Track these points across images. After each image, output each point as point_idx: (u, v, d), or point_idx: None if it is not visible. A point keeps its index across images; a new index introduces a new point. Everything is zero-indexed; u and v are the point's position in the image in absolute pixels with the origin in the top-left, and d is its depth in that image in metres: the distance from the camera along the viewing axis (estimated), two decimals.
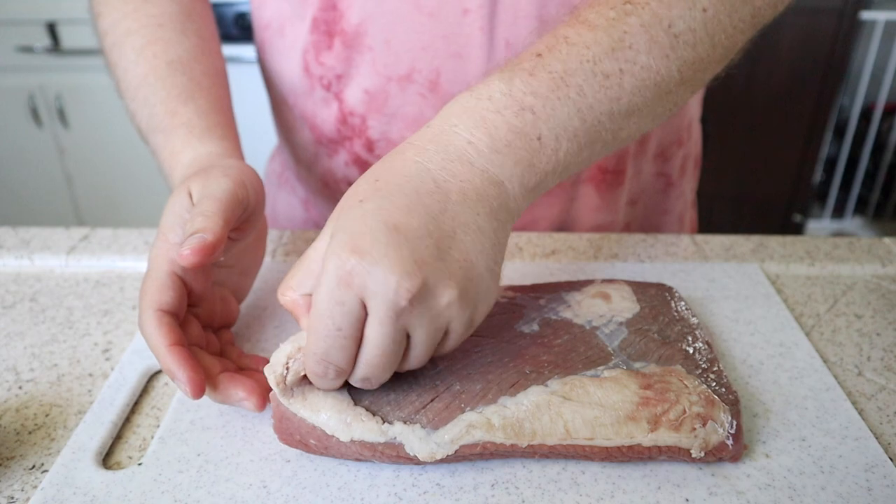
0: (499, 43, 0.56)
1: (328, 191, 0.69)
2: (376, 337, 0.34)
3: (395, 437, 0.36)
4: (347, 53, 0.59)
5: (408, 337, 0.35)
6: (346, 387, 0.38)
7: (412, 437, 0.36)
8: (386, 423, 0.37)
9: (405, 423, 0.37)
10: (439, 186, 0.36)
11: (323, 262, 0.34)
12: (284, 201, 0.76)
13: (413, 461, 0.37)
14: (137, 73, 0.54)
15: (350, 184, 0.64)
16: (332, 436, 0.37)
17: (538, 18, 0.55)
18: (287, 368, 0.37)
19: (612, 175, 0.65)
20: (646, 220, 0.72)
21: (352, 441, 0.37)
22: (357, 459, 0.38)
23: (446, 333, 0.36)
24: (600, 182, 0.65)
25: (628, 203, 0.69)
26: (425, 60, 0.57)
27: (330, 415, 0.37)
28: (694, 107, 0.71)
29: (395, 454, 0.37)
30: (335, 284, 0.33)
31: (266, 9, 0.64)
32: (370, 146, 0.63)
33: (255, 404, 0.40)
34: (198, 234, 0.40)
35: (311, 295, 0.35)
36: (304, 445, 0.38)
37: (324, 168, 0.67)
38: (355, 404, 0.37)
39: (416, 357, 0.36)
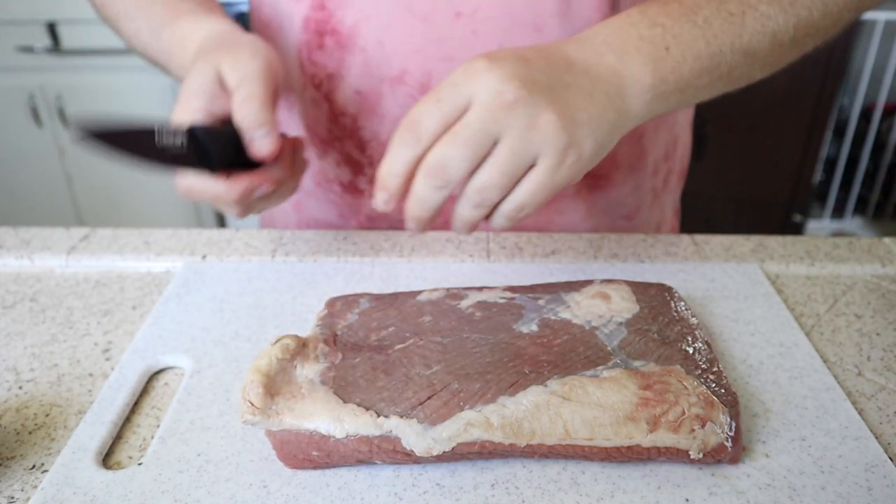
0: (491, 47, 0.57)
1: (319, 191, 0.69)
2: (467, 118, 0.38)
3: (391, 431, 0.36)
4: (340, 54, 0.59)
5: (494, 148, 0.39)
6: (334, 390, 0.38)
7: (409, 431, 0.36)
8: (381, 417, 0.37)
9: (401, 417, 0.37)
10: (568, 59, 0.42)
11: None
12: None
13: (411, 458, 0.37)
14: None
15: (342, 184, 0.65)
16: (329, 436, 0.37)
17: (532, 25, 0.56)
18: (253, 393, 0.37)
19: (592, 178, 0.65)
20: (616, 229, 0.72)
21: (348, 437, 0.37)
22: (358, 461, 0.38)
23: (532, 168, 0.40)
24: (582, 185, 0.65)
25: (624, 217, 0.69)
26: (417, 63, 0.58)
27: (322, 416, 0.37)
28: (682, 122, 0.70)
29: (392, 448, 0.37)
30: (458, 73, 0.39)
31: (264, 6, 0.64)
32: (362, 146, 0.63)
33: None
34: (262, 130, 0.46)
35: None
36: (309, 462, 0.38)
37: (315, 169, 0.68)
38: (345, 402, 0.37)
39: (492, 173, 0.40)
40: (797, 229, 2.07)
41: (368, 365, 0.40)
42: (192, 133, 0.45)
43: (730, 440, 0.37)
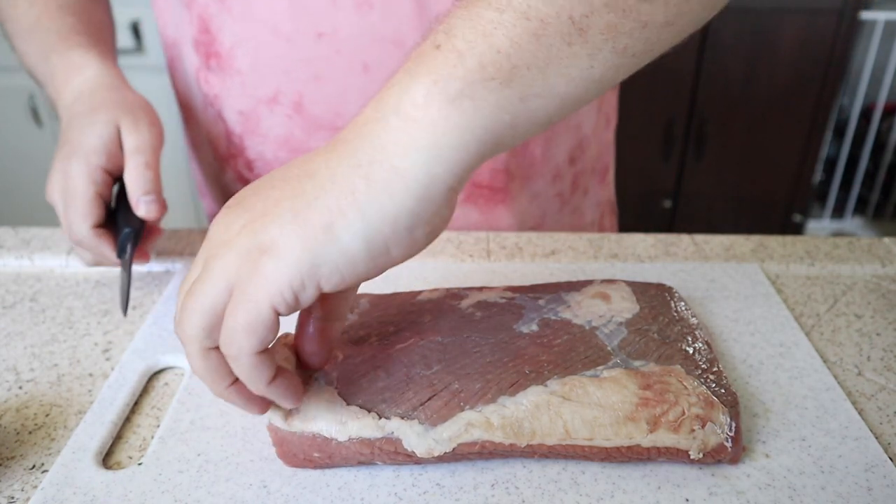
0: (355, 65, 0.58)
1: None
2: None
3: (393, 432, 0.36)
4: (221, 76, 0.61)
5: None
6: (338, 391, 0.38)
7: (410, 432, 0.36)
8: (382, 419, 0.37)
9: (402, 418, 0.37)
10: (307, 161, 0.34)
11: None
12: (203, 212, 0.80)
13: (412, 459, 0.37)
14: (31, 15, 0.58)
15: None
16: (331, 439, 0.37)
17: (392, 41, 0.57)
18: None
19: (489, 191, 0.65)
20: None
21: (350, 440, 0.37)
22: (360, 462, 0.38)
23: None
24: (478, 198, 0.66)
25: (532, 228, 0.70)
26: (288, 84, 0.60)
27: (325, 418, 0.37)
28: (589, 123, 0.70)
29: (393, 450, 0.37)
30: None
31: (167, 28, 0.66)
32: (250, 165, 0.66)
33: None
34: (151, 196, 0.50)
35: None
36: (309, 462, 0.38)
37: (222, 182, 0.70)
38: (348, 404, 0.38)
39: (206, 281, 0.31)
40: (797, 229, 2.07)
41: (370, 365, 0.40)
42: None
43: (730, 440, 0.37)
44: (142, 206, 0.50)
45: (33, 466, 0.39)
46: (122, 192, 0.52)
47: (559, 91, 0.31)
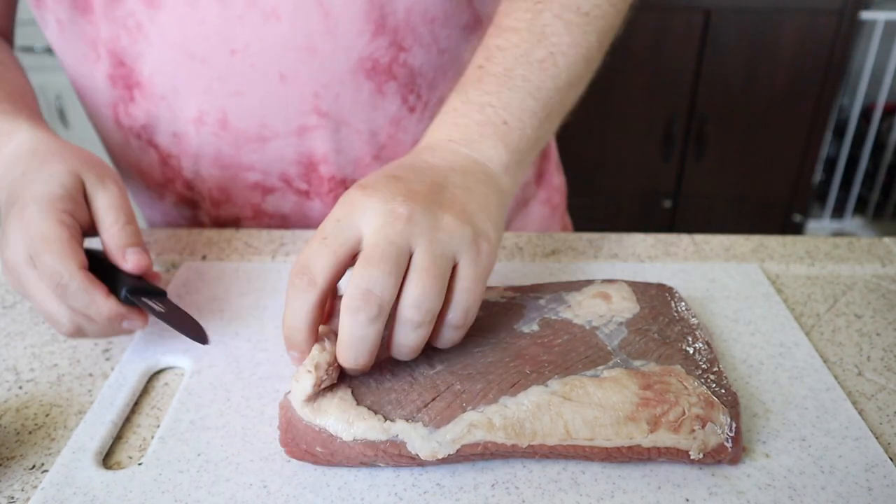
0: (272, 77, 0.58)
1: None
2: (377, 239, 0.36)
3: (398, 435, 0.36)
4: (147, 104, 0.61)
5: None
6: (351, 389, 0.38)
7: (414, 435, 0.36)
8: (388, 421, 0.37)
9: (407, 420, 0.37)
10: (431, 165, 0.42)
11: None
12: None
13: (415, 461, 0.37)
14: None
15: (186, 220, 0.69)
16: (337, 437, 0.37)
17: (305, 48, 0.57)
18: (323, 378, 0.37)
19: None
20: None
21: (355, 441, 0.37)
22: (362, 464, 0.38)
23: (457, 268, 0.38)
24: None
25: None
26: (209, 102, 0.60)
27: (335, 416, 0.37)
28: None
29: (397, 453, 0.37)
30: (338, 208, 0.38)
31: (76, 69, 0.64)
32: (189, 185, 0.66)
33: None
34: (137, 248, 0.46)
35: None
36: (310, 455, 0.38)
37: (157, 210, 0.70)
38: (358, 404, 0.38)
39: (422, 281, 0.36)
40: (797, 229, 2.07)
41: (377, 365, 0.40)
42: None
43: (730, 440, 0.37)
44: (130, 258, 0.45)
45: (33, 466, 0.39)
46: (94, 262, 0.45)
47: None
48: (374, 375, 0.39)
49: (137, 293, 0.45)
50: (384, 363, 0.40)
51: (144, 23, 0.57)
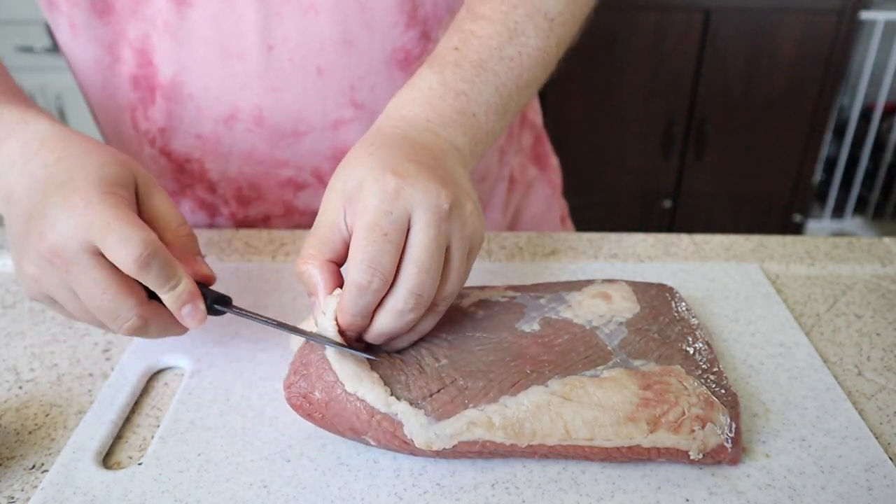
0: (310, 71, 0.59)
1: None
2: (422, 241, 0.37)
3: (397, 414, 0.37)
4: (169, 105, 0.61)
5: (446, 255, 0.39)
6: (367, 352, 0.39)
7: (413, 421, 0.37)
8: (392, 397, 0.37)
9: (411, 404, 0.37)
10: (424, 145, 0.42)
11: (361, 190, 0.38)
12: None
13: (408, 446, 0.37)
14: None
15: (200, 225, 0.68)
16: (340, 383, 0.37)
17: (342, 41, 0.58)
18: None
19: None
20: None
21: (355, 396, 0.37)
22: (351, 431, 0.38)
23: (470, 250, 0.40)
24: None
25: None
26: (245, 99, 0.60)
27: (347, 366, 0.38)
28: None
29: (391, 431, 0.37)
30: (380, 199, 0.37)
31: (88, 74, 0.63)
32: (212, 188, 0.65)
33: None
34: (193, 303, 0.41)
35: (333, 261, 0.40)
36: (307, 401, 0.38)
37: None
38: (371, 369, 0.38)
39: (455, 274, 0.39)
40: (797, 229, 2.07)
41: (385, 353, 0.41)
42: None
43: (730, 441, 0.37)
44: (201, 269, 0.44)
45: (33, 466, 0.39)
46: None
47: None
48: (388, 357, 0.40)
49: (220, 302, 0.43)
50: (394, 354, 0.41)
51: (172, 21, 0.57)
